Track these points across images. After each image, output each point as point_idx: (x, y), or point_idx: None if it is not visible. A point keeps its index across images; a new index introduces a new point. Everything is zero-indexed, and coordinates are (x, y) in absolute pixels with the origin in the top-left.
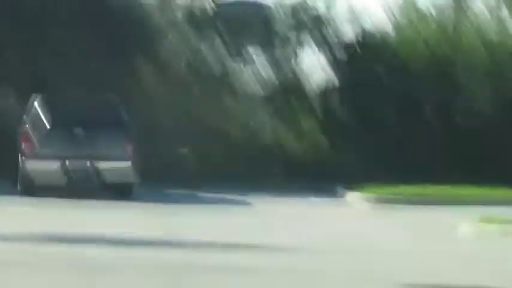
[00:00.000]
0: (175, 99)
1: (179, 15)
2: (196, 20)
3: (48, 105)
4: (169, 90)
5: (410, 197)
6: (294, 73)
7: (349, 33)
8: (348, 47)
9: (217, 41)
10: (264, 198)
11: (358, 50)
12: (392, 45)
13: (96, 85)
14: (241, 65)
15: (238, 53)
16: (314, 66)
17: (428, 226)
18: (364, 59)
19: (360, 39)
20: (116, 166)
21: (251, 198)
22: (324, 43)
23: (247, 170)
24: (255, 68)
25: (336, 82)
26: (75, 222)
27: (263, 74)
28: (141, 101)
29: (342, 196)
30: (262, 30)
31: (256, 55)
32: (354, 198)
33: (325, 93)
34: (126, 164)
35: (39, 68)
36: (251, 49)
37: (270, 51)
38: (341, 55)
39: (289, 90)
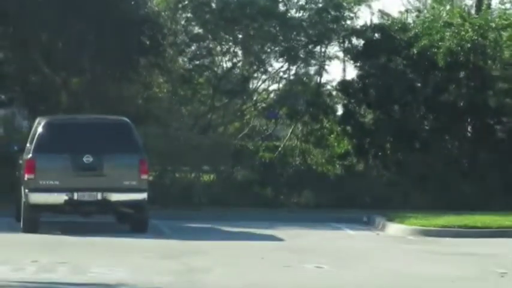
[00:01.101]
0: (192, 117)
1: (196, 25)
2: (215, 28)
3: (54, 130)
4: (186, 107)
5: (461, 229)
6: (320, 86)
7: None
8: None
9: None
10: (292, 230)
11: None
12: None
13: (106, 104)
14: (263, 76)
15: (260, 63)
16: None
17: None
18: (396, 70)
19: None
20: (130, 198)
21: (279, 231)
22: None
23: (272, 194)
24: (278, 80)
25: (367, 95)
26: (89, 268)
27: (287, 87)
28: (155, 120)
29: (379, 226)
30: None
31: (279, 65)
32: (396, 230)
33: (355, 108)
34: (141, 196)
35: (44, 87)
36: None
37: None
38: (373, 67)
39: (317, 106)
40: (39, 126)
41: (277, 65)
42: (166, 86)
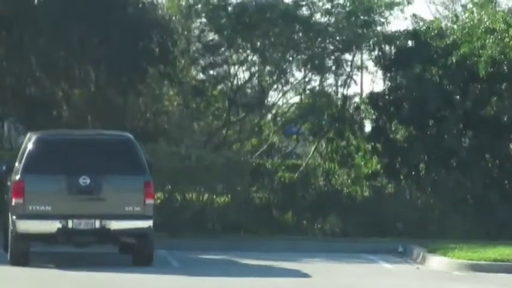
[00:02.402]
0: (205, 133)
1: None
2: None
3: (46, 147)
4: (198, 122)
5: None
6: (346, 99)
7: None
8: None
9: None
10: (319, 263)
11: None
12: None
13: (111, 118)
14: (284, 88)
15: (280, 72)
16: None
17: None
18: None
19: None
20: (133, 227)
21: (304, 265)
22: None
23: (293, 219)
24: (300, 92)
25: (399, 109)
26: None
27: (310, 99)
28: (164, 136)
29: (418, 258)
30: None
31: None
32: (438, 264)
33: (386, 124)
34: (146, 224)
35: (43, 99)
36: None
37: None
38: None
39: (343, 121)
40: (30, 143)
41: (299, 75)
42: (177, 99)
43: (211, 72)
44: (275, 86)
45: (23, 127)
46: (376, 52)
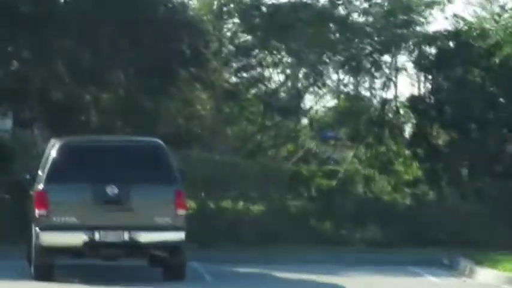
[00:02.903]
0: (239, 139)
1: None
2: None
3: (70, 154)
4: (232, 127)
5: None
6: (385, 102)
7: None
8: None
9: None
10: (361, 276)
11: None
12: None
13: (141, 123)
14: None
15: (317, 75)
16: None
17: None
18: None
19: None
20: (164, 239)
21: (346, 279)
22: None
23: (332, 229)
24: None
25: (440, 113)
26: None
27: (348, 103)
28: (196, 142)
29: (465, 271)
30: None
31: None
32: (487, 277)
33: (427, 128)
34: (178, 236)
35: (70, 104)
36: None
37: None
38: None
39: (382, 126)
40: (53, 150)
41: (336, 77)
42: (210, 103)
43: (244, 74)
44: (311, 89)
45: (49, 133)
46: (416, 53)
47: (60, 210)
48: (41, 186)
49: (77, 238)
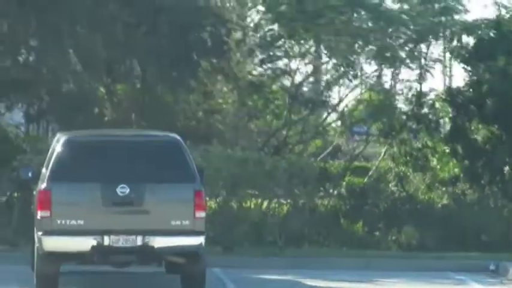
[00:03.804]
0: (263, 134)
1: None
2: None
3: (77, 150)
4: (256, 121)
5: None
6: (421, 95)
7: None
8: None
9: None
10: (399, 284)
11: None
12: None
13: (159, 117)
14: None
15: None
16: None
17: None
18: None
19: None
20: (181, 244)
21: (383, 287)
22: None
23: (364, 231)
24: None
25: (480, 106)
26: None
27: (381, 96)
28: (218, 137)
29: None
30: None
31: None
32: None
33: (465, 123)
34: (197, 241)
35: (82, 95)
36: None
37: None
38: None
39: (417, 120)
40: (58, 145)
41: (368, 68)
42: (232, 96)
43: (269, 66)
44: (341, 81)
45: (60, 127)
46: (454, 43)
47: (65, 213)
48: (43, 186)
49: (84, 243)
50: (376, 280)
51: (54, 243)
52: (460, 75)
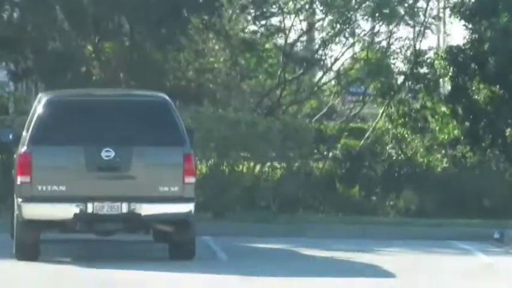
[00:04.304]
0: (256, 94)
1: None
2: None
3: (59, 111)
4: (248, 81)
5: None
6: (419, 54)
7: None
8: None
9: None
10: (400, 253)
11: None
12: None
13: (147, 76)
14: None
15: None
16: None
17: None
18: None
19: None
20: (170, 211)
21: (381, 256)
22: None
23: (361, 195)
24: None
25: (482, 66)
26: None
27: (378, 54)
28: (209, 97)
29: None
30: None
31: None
32: None
33: (466, 83)
34: (186, 208)
35: (68, 54)
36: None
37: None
38: None
39: (416, 80)
40: (39, 106)
41: (366, 25)
42: (224, 54)
43: (263, 23)
44: (337, 39)
45: (45, 87)
46: None
47: (47, 178)
48: (24, 149)
49: (67, 211)
50: (376, 250)
51: (34, 211)
52: (459, 34)
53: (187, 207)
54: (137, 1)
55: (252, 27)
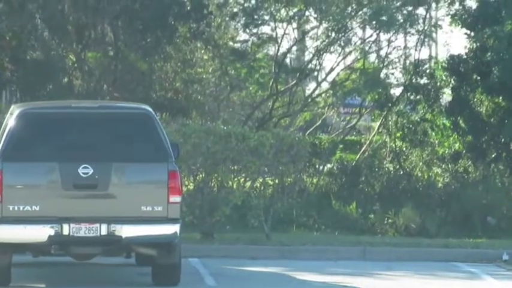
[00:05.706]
0: (247, 106)
1: None
2: None
3: (32, 125)
4: (239, 92)
5: None
6: (419, 63)
7: None
8: None
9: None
10: (401, 277)
11: None
12: None
13: (132, 87)
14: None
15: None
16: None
17: None
18: None
19: None
20: (153, 233)
21: (382, 281)
22: None
23: (358, 212)
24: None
25: (485, 76)
26: None
27: (376, 64)
28: (197, 109)
29: None
30: None
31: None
32: None
33: (468, 94)
34: (171, 229)
35: (48, 63)
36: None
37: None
38: None
39: (416, 91)
40: (11, 119)
41: (363, 34)
42: (213, 64)
43: (254, 31)
44: (332, 48)
45: (25, 98)
46: (456, 6)
47: (18, 197)
48: None
49: (41, 233)
50: (377, 273)
51: (5, 233)
52: (460, 43)
53: (172, 229)
54: (121, 8)
55: (243, 36)
